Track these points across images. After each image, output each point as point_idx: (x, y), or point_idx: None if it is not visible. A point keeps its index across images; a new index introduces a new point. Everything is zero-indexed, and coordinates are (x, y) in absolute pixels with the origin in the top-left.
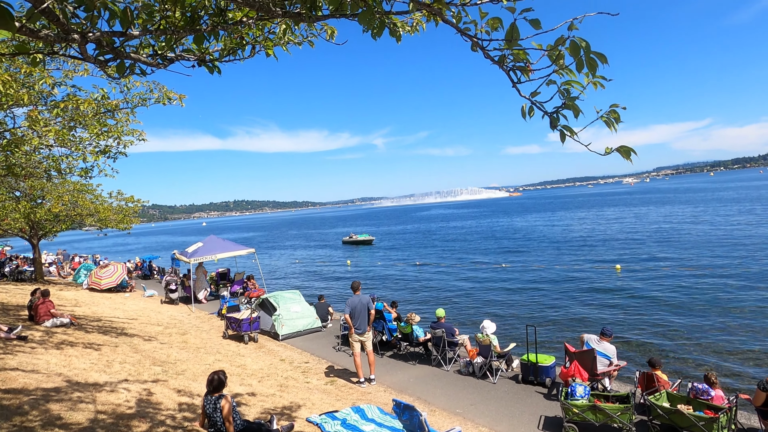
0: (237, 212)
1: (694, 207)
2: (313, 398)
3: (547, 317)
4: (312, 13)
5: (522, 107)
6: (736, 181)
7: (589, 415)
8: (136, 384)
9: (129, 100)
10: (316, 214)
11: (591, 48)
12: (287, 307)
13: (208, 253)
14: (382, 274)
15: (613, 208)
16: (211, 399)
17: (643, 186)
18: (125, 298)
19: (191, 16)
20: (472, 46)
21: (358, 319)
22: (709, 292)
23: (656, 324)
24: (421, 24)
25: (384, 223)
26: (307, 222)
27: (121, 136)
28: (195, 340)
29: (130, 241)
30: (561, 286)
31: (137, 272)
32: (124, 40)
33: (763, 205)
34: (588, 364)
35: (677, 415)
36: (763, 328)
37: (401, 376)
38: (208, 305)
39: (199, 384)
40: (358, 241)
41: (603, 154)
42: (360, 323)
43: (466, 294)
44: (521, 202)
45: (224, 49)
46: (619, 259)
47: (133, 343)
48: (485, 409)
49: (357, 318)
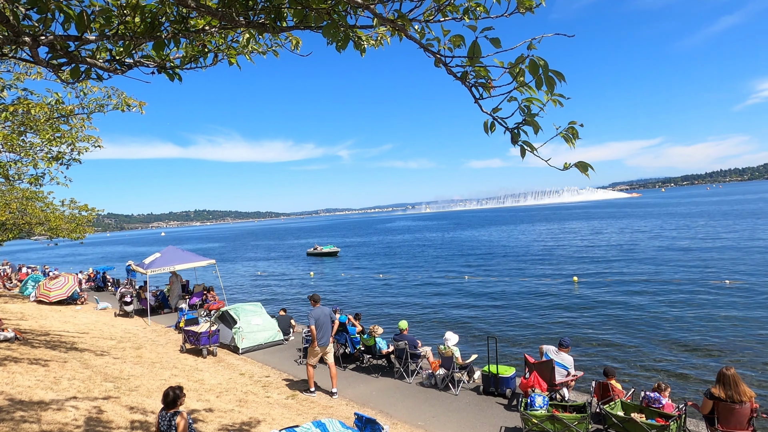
0: (198, 222)
1: (647, 221)
2: (274, 413)
3: (508, 328)
4: (276, 24)
5: (484, 122)
6: (686, 197)
7: (547, 425)
8: (86, 401)
9: (85, 106)
10: (280, 224)
11: (549, 66)
12: (248, 319)
13: (166, 264)
14: (346, 286)
15: (574, 222)
16: (166, 416)
17: (600, 201)
18: (76, 311)
19: (151, 22)
20: (435, 62)
21: (321, 330)
22: (661, 303)
23: (611, 334)
24: (385, 38)
25: (349, 234)
26: (270, 233)
27: (75, 143)
28: (150, 354)
29: (83, 251)
30: (521, 297)
31: (90, 284)
32: (80, 45)
33: (712, 219)
34: (547, 374)
35: (631, 423)
36: (710, 339)
37: (364, 389)
38: (165, 318)
39: (153, 400)
40: (323, 252)
41: (562, 169)
42: (324, 335)
43: (428, 306)
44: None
45: (185, 57)
46: (577, 272)
47: (83, 359)
48: (447, 420)
49: (320, 330)
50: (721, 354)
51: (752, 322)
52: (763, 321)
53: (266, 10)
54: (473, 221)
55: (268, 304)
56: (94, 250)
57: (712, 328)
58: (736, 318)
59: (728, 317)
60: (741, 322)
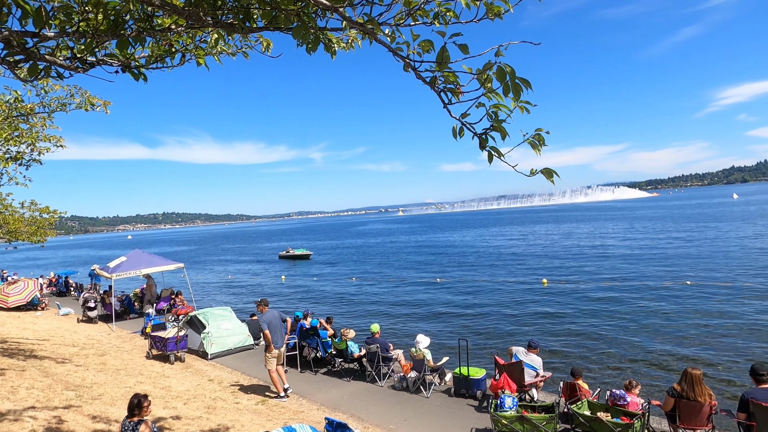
0: (166, 225)
1: (614, 224)
2: (243, 419)
3: (479, 330)
4: (245, 25)
5: (453, 127)
6: (651, 201)
7: (516, 426)
8: (45, 411)
9: (46, 105)
10: (252, 227)
11: (516, 74)
12: (217, 324)
13: (133, 268)
14: (318, 289)
15: (544, 225)
16: (130, 425)
17: (570, 205)
18: (36, 317)
19: (115, 19)
20: (405, 67)
21: (276, 333)
22: (627, 303)
23: (578, 334)
24: (356, 41)
25: (321, 237)
26: (241, 236)
27: (35, 142)
28: (115, 361)
29: (44, 255)
30: (492, 299)
31: (51, 289)
32: (38, 41)
33: (675, 223)
34: (516, 375)
35: (597, 422)
36: (674, 336)
37: (335, 393)
38: (131, 323)
39: (117, 409)
40: (295, 255)
41: (528, 175)
42: (278, 338)
43: (401, 309)
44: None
45: (151, 56)
46: (546, 274)
47: (43, 367)
48: (418, 423)
49: (275, 333)
50: (688, 353)
51: (720, 319)
52: (731, 320)
53: (234, 10)
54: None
55: (237, 307)
56: (56, 254)
57: (683, 327)
58: (707, 317)
59: (694, 316)
60: (709, 320)
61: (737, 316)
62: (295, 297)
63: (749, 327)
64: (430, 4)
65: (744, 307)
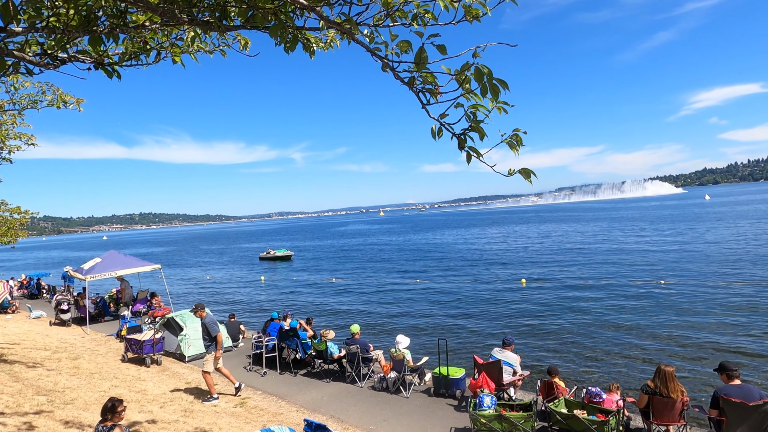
0: (143, 225)
1: (595, 224)
2: (221, 422)
3: (459, 330)
4: (222, 23)
5: (432, 128)
6: (627, 202)
7: (495, 425)
8: (14, 417)
9: (16, 102)
10: (231, 228)
11: (494, 75)
12: (195, 326)
13: (107, 270)
14: (298, 291)
15: (523, 226)
16: (103, 429)
17: (548, 205)
18: (6, 320)
19: (87, 15)
20: (383, 67)
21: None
22: (603, 301)
23: (556, 333)
24: (335, 41)
25: (302, 238)
26: (221, 236)
27: (5, 140)
28: (89, 365)
29: (15, 256)
30: (471, 298)
31: (22, 291)
32: (5, 37)
33: (651, 224)
34: (495, 374)
35: (574, 419)
36: (647, 334)
37: (315, 395)
38: (106, 326)
39: (91, 414)
40: (276, 256)
41: (506, 175)
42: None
43: (380, 309)
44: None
45: (125, 53)
46: (525, 273)
47: (13, 371)
48: (397, 424)
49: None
50: (663, 350)
51: (695, 317)
52: (701, 318)
53: (211, 8)
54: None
55: (216, 309)
56: (27, 255)
57: (657, 326)
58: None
59: (673, 316)
60: (681, 318)
61: (707, 313)
62: (276, 298)
63: (717, 324)
64: (408, 5)
65: (713, 306)
